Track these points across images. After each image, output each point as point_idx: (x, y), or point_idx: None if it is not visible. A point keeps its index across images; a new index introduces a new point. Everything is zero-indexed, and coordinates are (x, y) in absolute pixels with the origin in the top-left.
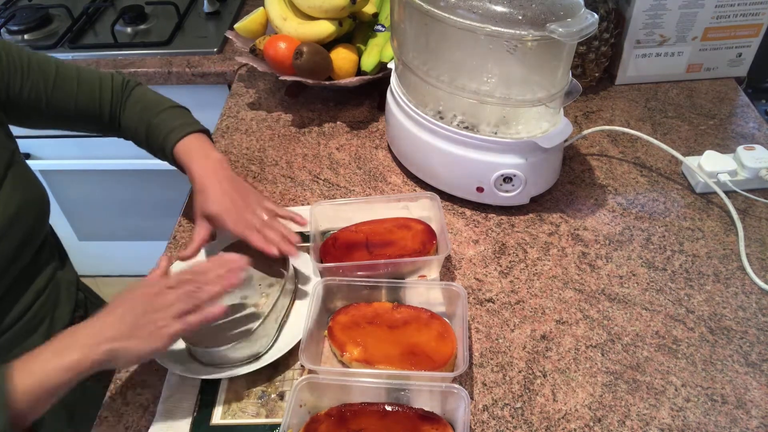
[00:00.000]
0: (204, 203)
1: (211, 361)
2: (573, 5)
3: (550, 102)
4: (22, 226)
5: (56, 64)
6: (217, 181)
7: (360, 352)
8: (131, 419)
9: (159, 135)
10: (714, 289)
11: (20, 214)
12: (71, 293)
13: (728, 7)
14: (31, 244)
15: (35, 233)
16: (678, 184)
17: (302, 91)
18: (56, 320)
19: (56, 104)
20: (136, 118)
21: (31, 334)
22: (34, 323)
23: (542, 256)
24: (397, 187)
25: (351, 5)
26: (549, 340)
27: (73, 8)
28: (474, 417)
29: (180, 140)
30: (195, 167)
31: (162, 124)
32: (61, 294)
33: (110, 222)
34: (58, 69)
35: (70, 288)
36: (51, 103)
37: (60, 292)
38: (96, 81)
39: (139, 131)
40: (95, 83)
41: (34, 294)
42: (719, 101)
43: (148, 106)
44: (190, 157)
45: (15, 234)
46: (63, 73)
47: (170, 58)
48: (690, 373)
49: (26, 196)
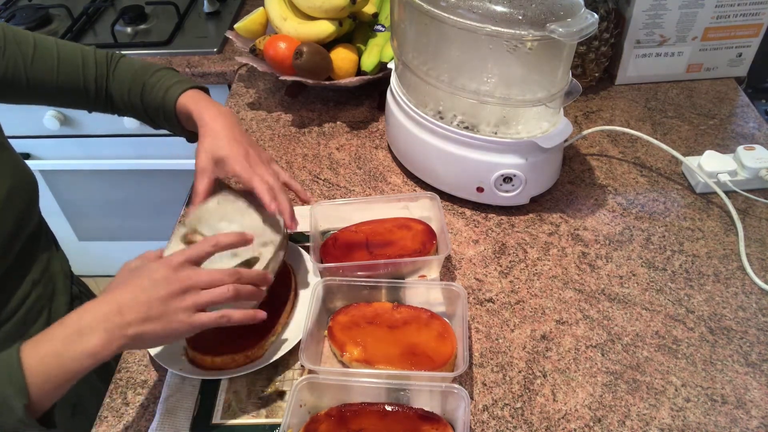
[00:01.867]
0: (215, 145)
1: None
2: (573, 5)
3: (550, 102)
4: (14, 211)
5: (34, 38)
6: (229, 129)
7: (360, 352)
8: (131, 419)
9: (158, 92)
10: (714, 289)
11: (11, 199)
12: (66, 285)
13: (728, 7)
14: (23, 230)
15: (27, 219)
16: (678, 184)
17: (302, 91)
18: (54, 312)
19: (37, 80)
20: (127, 83)
21: (30, 325)
22: (33, 314)
23: (542, 256)
24: (397, 187)
25: (351, 5)
26: (549, 340)
27: (73, 8)
28: (474, 417)
29: (183, 92)
30: (206, 114)
31: (159, 83)
32: (57, 285)
33: (110, 222)
34: (36, 43)
35: (65, 280)
36: (31, 79)
37: (56, 282)
38: (78, 55)
39: (132, 95)
40: (77, 57)
41: (30, 284)
42: (719, 101)
43: (139, 71)
44: (199, 105)
45: (6, 219)
46: (42, 47)
47: (170, 58)
48: (690, 373)
49: (15, 181)
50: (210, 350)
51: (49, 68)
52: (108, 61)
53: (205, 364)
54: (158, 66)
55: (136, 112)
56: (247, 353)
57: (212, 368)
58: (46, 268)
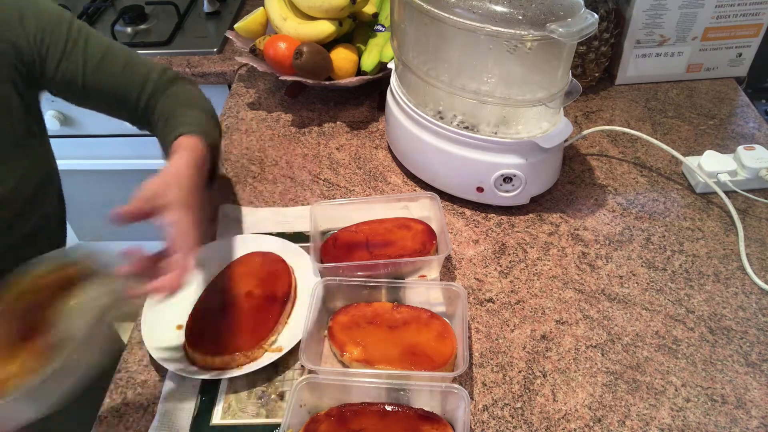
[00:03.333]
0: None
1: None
2: (573, 5)
3: (550, 102)
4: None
5: (108, 45)
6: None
7: (360, 352)
8: (131, 419)
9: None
10: (714, 289)
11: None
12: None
13: (728, 7)
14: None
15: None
16: (678, 184)
17: (302, 91)
18: None
19: (94, 85)
20: (165, 107)
21: None
22: None
23: (542, 256)
24: (397, 187)
25: (351, 5)
26: (549, 340)
27: (73, 8)
28: (474, 417)
29: (186, 135)
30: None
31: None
32: None
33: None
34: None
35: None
36: (88, 84)
37: None
38: (142, 72)
39: (160, 120)
40: (140, 74)
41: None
42: (719, 101)
43: (181, 98)
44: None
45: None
46: (111, 54)
47: (170, 58)
48: (690, 373)
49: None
50: (210, 350)
51: (110, 79)
52: (169, 79)
53: (205, 364)
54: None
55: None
56: (246, 353)
57: (212, 368)
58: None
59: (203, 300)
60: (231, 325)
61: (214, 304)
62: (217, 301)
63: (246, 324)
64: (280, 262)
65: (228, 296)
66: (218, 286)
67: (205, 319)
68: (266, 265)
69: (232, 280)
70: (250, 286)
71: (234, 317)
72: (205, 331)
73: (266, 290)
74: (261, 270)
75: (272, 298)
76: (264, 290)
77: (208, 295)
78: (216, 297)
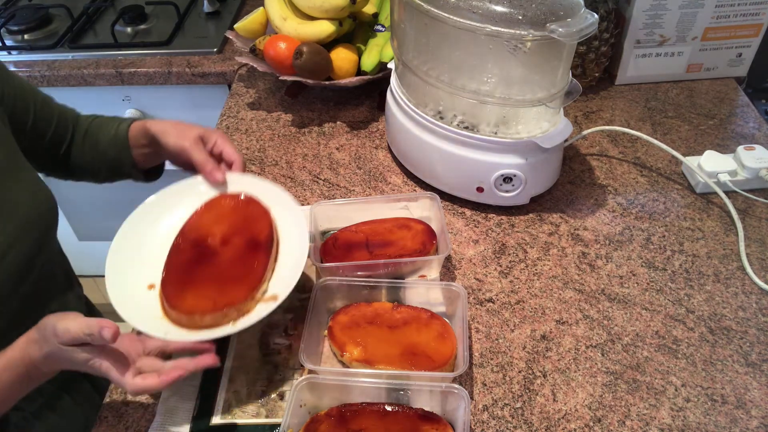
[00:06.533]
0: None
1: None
2: (573, 5)
3: (550, 102)
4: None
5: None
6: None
7: (360, 352)
8: (131, 419)
9: (111, 128)
10: (714, 289)
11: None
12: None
13: (728, 7)
14: (38, 261)
15: (43, 248)
16: (678, 184)
17: (302, 91)
18: None
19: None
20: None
21: None
22: None
23: (542, 256)
24: (397, 187)
25: (351, 5)
26: (549, 340)
27: (73, 8)
28: (474, 417)
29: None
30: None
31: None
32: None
33: (110, 222)
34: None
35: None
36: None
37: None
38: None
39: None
40: (68, 116)
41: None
42: (719, 101)
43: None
44: (147, 122)
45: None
46: (46, 99)
47: (170, 58)
48: (690, 373)
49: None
50: (195, 308)
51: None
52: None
53: (193, 324)
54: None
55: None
56: (238, 307)
57: (201, 327)
58: (64, 300)
59: (175, 254)
60: (214, 277)
61: (190, 257)
62: (193, 253)
63: (231, 275)
64: (254, 202)
65: (204, 247)
66: (189, 237)
67: (182, 274)
68: (239, 209)
69: (204, 229)
70: (226, 233)
71: (216, 269)
72: (186, 287)
73: (245, 236)
74: (234, 214)
75: (254, 243)
76: (243, 236)
77: (180, 248)
78: (190, 249)
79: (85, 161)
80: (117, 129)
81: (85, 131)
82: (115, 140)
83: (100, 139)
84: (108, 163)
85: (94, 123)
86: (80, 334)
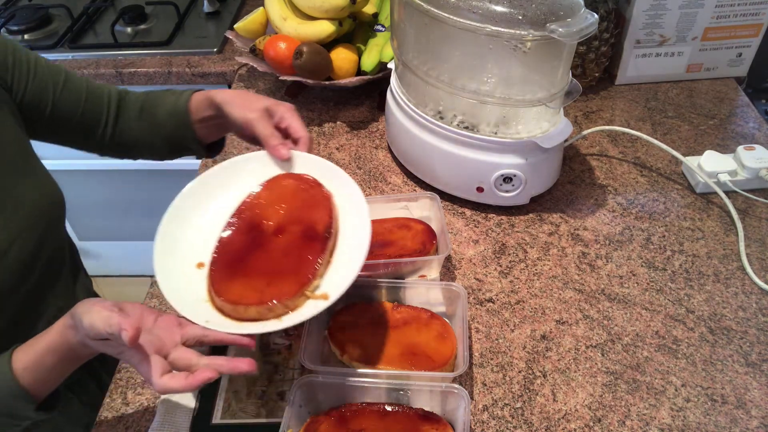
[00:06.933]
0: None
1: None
2: (573, 5)
3: (550, 102)
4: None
5: (66, 71)
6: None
7: (360, 352)
8: (131, 419)
9: (169, 97)
10: (714, 289)
11: (33, 216)
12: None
13: (728, 7)
14: (44, 251)
15: (50, 239)
16: (678, 184)
17: (302, 91)
18: None
19: (61, 110)
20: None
21: None
22: None
23: (542, 256)
24: (397, 187)
25: (351, 5)
26: (549, 340)
27: (73, 8)
28: (474, 417)
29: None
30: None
31: (170, 93)
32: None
33: (110, 222)
34: (67, 76)
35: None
36: (56, 108)
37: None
38: (104, 91)
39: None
40: (104, 92)
41: (55, 309)
42: (719, 101)
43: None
44: (211, 92)
45: (29, 237)
46: (73, 79)
47: (170, 58)
48: (690, 373)
49: (40, 196)
50: (242, 298)
51: (76, 100)
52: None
53: (237, 315)
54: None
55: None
56: (286, 302)
57: (244, 319)
58: (71, 294)
59: (228, 234)
60: (265, 266)
61: (243, 240)
62: (246, 236)
63: (283, 266)
64: (316, 186)
65: (258, 231)
66: (244, 217)
67: (232, 258)
68: (300, 192)
69: (261, 210)
70: (283, 218)
71: (268, 257)
72: (234, 274)
73: (303, 223)
74: (294, 197)
75: (311, 233)
76: (301, 224)
77: (234, 229)
78: (243, 231)
79: (142, 138)
80: (176, 101)
81: (140, 107)
82: (175, 113)
83: (158, 112)
84: (168, 138)
85: (149, 97)
86: (104, 331)
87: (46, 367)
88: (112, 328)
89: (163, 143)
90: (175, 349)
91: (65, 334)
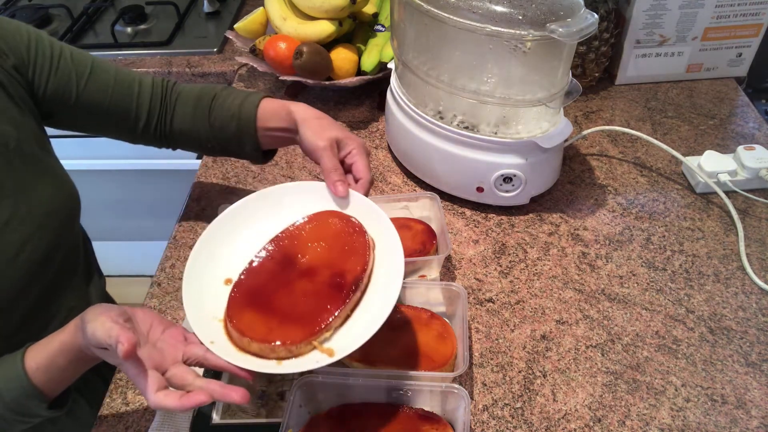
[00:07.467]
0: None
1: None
2: (573, 5)
3: (550, 102)
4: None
5: (93, 60)
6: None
7: (360, 352)
8: (131, 419)
9: (234, 100)
10: (714, 289)
11: (49, 212)
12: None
13: (728, 7)
14: (60, 249)
15: (64, 236)
16: (678, 184)
17: (302, 91)
18: None
19: (86, 100)
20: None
21: None
22: None
23: (542, 256)
24: (397, 187)
25: (351, 5)
26: (549, 340)
27: (73, 8)
28: (474, 417)
29: (270, 98)
30: (297, 107)
31: (234, 94)
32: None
33: (110, 222)
34: (94, 65)
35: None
36: (82, 97)
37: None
38: (135, 81)
39: (199, 112)
40: (134, 83)
41: (66, 311)
42: (719, 101)
43: (205, 89)
44: (288, 104)
45: (43, 234)
46: (99, 69)
47: (170, 58)
48: (690, 373)
49: (54, 191)
50: (248, 330)
51: (102, 89)
52: (165, 88)
53: (240, 345)
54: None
55: (195, 134)
56: (291, 347)
57: (246, 352)
58: (84, 295)
59: (260, 259)
60: (282, 303)
61: (271, 269)
62: (275, 266)
63: (299, 309)
64: (359, 233)
65: (288, 263)
66: (280, 245)
67: (255, 285)
68: (342, 235)
69: (298, 242)
70: (317, 258)
71: (288, 295)
72: (252, 303)
73: (334, 269)
74: (335, 239)
75: (339, 281)
76: (332, 269)
77: (266, 255)
78: (275, 260)
79: (193, 132)
80: (242, 104)
81: (194, 103)
82: (239, 116)
83: (217, 112)
84: (224, 139)
85: (205, 92)
86: (104, 342)
87: (58, 367)
88: (111, 340)
89: (216, 143)
90: (174, 366)
91: (76, 336)
